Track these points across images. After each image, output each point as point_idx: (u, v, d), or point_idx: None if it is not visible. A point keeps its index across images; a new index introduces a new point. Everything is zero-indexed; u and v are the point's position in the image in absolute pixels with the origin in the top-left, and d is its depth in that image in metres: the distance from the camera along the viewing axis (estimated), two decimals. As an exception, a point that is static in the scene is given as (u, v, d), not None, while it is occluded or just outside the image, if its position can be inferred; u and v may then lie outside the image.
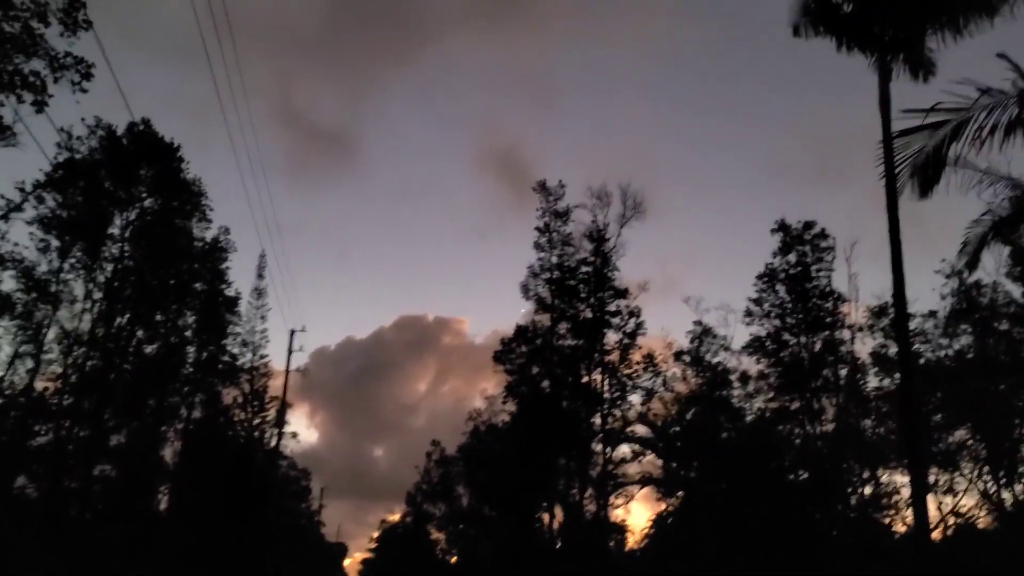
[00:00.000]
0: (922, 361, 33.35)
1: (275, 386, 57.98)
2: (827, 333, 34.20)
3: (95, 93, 23.90)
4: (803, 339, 34.21)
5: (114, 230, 33.22)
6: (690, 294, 70.99)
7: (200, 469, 46.25)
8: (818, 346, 34.22)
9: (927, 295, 59.35)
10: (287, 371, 51.22)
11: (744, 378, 37.56)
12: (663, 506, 38.84)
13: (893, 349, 34.79)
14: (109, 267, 33.09)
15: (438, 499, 74.83)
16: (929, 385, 32.49)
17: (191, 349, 42.75)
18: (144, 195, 33.63)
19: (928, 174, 17.72)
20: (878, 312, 35.40)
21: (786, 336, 34.52)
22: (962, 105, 16.18)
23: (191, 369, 43.43)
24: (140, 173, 33.02)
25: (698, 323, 39.39)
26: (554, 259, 42.19)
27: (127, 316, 33.54)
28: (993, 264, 32.25)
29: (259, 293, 61.37)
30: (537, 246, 42.85)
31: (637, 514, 55.40)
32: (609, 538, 39.16)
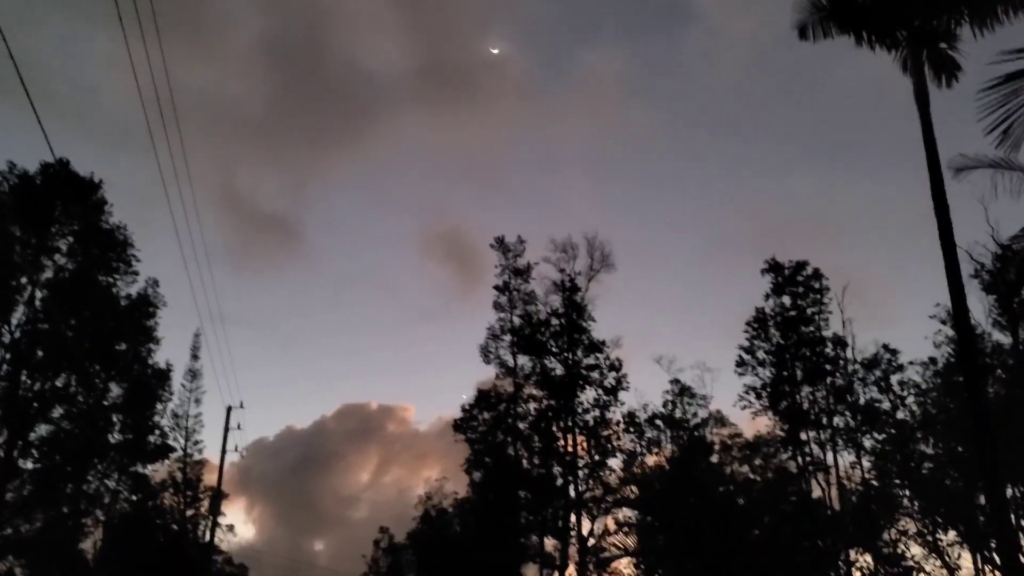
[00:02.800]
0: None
1: (210, 478, 51.96)
2: (830, 381, 30.66)
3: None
4: (805, 388, 30.55)
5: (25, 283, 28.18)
6: (660, 354, 64.09)
7: (125, 564, 40.09)
8: (820, 395, 30.62)
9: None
10: (223, 450, 45.30)
11: (729, 440, 33.76)
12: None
13: (886, 404, 31.56)
14: (16, 327, 27.92)
15: (386, 592, 68.19)
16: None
17: (115, 427, 37.14)
18: (59, 243, 28.72)
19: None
20: (869, 364, 32.17)
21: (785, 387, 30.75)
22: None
23: (114, 452, 37.68)
24: (55, 215, 28.22)
25: (675, 381, 35.58)
26: (516, 319, 38.15)
27: (37, 384, 28.20)
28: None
29: (193, 375, 55.62)
30: (496, 306, 38.78)
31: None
32: None
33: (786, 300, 31.84)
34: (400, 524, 66.37)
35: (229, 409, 46.98)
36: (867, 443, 29.98)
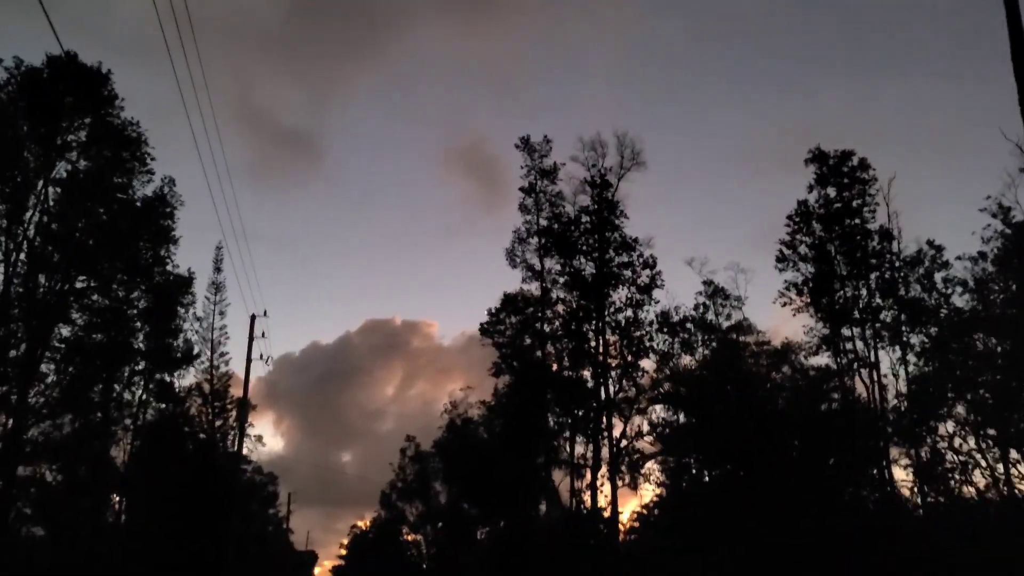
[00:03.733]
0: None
1: (237, 391, 51.50)
2: (875, 275, 29.16)
3: None
4: (848, 283, 29.06)
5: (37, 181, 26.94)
6: (692, 256, 56.22)
7: (155, 471, 39.86)
8: (864, 290, 29.14)
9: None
10: (248, 358, 44.93)
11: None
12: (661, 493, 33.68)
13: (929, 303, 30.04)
14: (30, 227, 26.81)
15: (414, 497, 68.69)
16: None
17: (139, 334, 36.42)
18: (69, 138, 27.32)
19: None
20: (912, 262, 30.56)
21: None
22: None
23: (140, 359, 37.02)
24: (64, 109, 26.72)
25: (708, 282, 34.13)
26: (543, 221, 36.68)
27: (56, 285, 27.21)
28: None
29: (217, 287, 55.01)
30: (522, 208, 37.26)
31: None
32: (616, 524, 33.41)
33: (831, 192, 30.18)
34: (426, 436, 66.44)
35: (253, 317, 46.23)
36: (914, 340, 28.68)
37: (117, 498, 39.05)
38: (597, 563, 30.09)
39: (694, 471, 33.36)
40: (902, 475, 28.17)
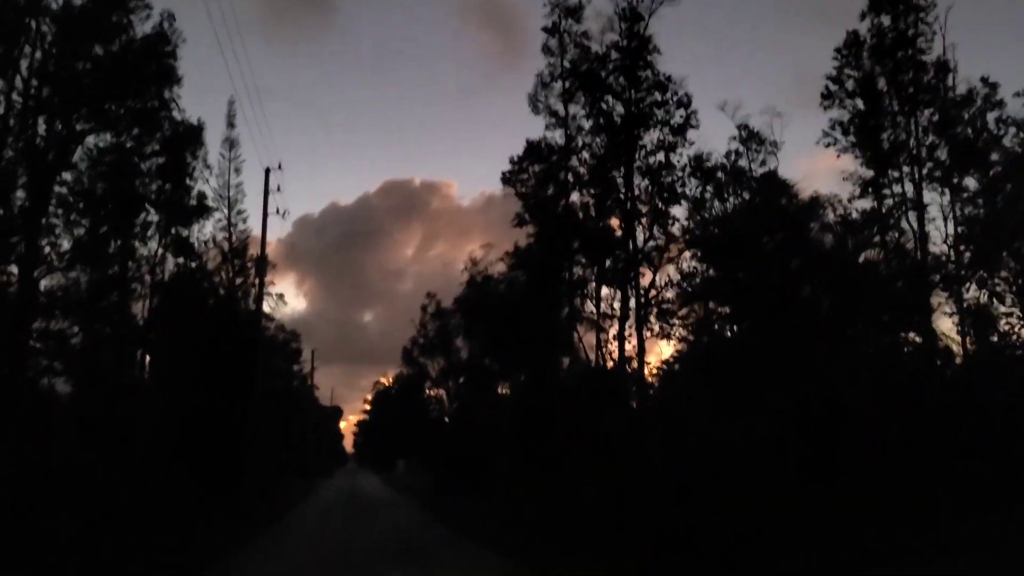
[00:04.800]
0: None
1: (257, 251, 50.48)
2: (929, 112, 27.05)
3: None
4: (901, 120, 26.99)
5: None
6: (725, 99, 51.65)
7: (175, 326, 39.34)
8: (917, 128, 27.07)
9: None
10: (264, 213, 43.76)
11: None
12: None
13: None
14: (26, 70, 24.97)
15: (436, 353, 69.00)
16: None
17: (150, 185, 35.05)
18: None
19: None
20: (963, 101, 28.34)
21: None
22: None
23: (153, 210, 35.77)
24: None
25: (743, 127, 32.01)
26: (567, 63, 34.32)
27: (57, 127, 25.62)
28: None
29: (231, 144, 53.44)
30: (545, 50, 34.78)
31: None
32: (642, 378, 32.62)
33: (884, 20, 27.61)
34: (446, 296, 66.02)
35: (268, 171, 44.73)
36: (967, 182, 26.91)
37: (140, 354, 38.65)
38: (622, 416, 29.48)
39: (717, 327, 32.29)
40: (947, 325, 26.90)
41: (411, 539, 24.36)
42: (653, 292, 30.03)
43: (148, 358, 39.14)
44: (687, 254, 30.32)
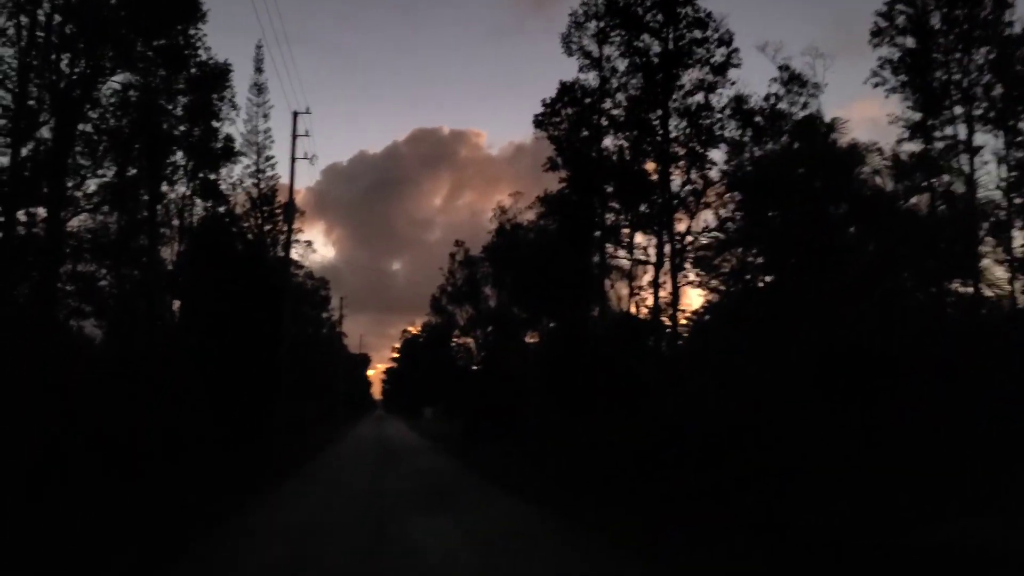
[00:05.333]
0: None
1: (285, 199, 50.03)
2: (988, 49, 25.65)
3: None
4: (955, 58, 25.64)
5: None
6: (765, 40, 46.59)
7: (204, 270, 39.13)
8: (971, 67, 25.72)
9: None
10: (292, 156, 43.27)
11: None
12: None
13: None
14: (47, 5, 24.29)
15: (464, 301, 68.63)
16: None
17: (177, 127, 34.49)
18: None
19: None
20: (1020, 39, 26.76)
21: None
22: None
23: (180, 152, 35.29)
24: None
25: (784, 67, 30.62)
26: (602, 2, 33.01)
27: (79, 65, 25.05)
28: None
29: (259, 89, 52.81)
30: (581, -14, 33.54)
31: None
32: (676, 326, 31.84)
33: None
34: (474, 244, 65.51)
35: (295, 115, 44.14)
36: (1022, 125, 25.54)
37: (169, 299, 38.47)
38: (655, 363, 28.89)
39: (751, 276, 31.33)
40: (997, 273, 25.81)
41: (440, 484, 24.11)
42: (689, 239, 29.08)
43: (177, 303, 38.99)
44: (725, 197, 29.18)
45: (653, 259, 29.16)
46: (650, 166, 30.34)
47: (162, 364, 32.06)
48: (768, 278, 29.70)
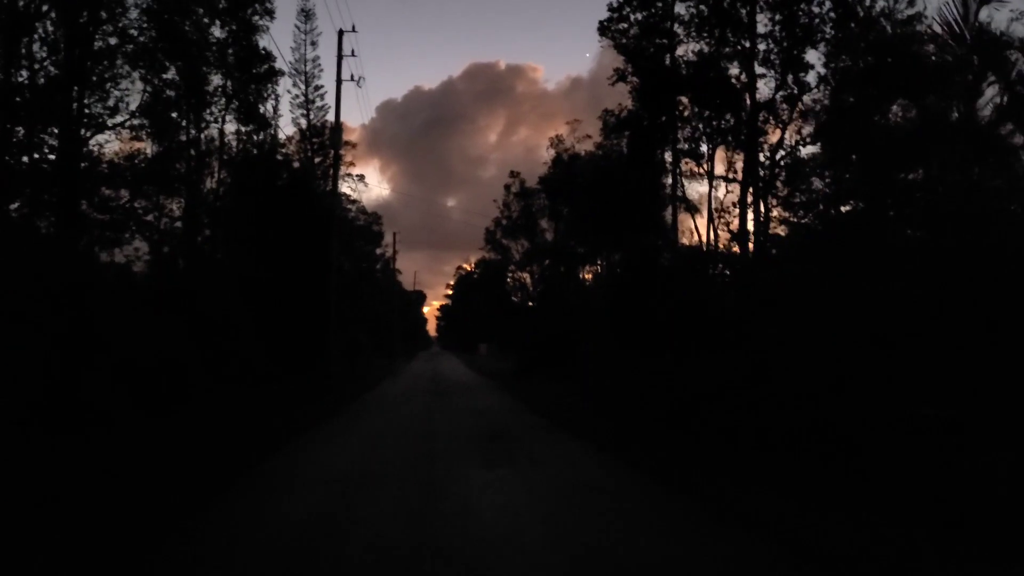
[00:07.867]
0: None
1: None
2: None
3: None
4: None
5: None
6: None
7: (247, 200, 36.89)
8: None
9: None
10: (338, 78, 40.29)
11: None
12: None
13: None
14: None
15: (519, 234, 65.64)
16: None
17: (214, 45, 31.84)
18: None
19: None
20: None
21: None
22: None
23: (216, 70, 32.68)
24: None
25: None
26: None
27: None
28: None
29: (307, 15, 50.16)
30: None
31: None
32: (762, 254, 28.36)
33: None
34: (530, 179, 62.41)
35: (341, 33, 41.01)
36: None
37: (209, 233, 36.30)
38: (740, 295, 25.55)
39: (826, 207, 27.55)
40: None
41: (497, 425, 21.71)
42: (781, 153, 25.49)
43: (220, 233, 36.86)
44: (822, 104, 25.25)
45: (739, 176, 25.66)
46: (733, 71, 26.66)
47: (206, 294, 30.03)
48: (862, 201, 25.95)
